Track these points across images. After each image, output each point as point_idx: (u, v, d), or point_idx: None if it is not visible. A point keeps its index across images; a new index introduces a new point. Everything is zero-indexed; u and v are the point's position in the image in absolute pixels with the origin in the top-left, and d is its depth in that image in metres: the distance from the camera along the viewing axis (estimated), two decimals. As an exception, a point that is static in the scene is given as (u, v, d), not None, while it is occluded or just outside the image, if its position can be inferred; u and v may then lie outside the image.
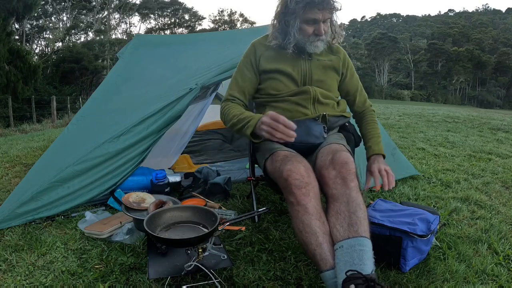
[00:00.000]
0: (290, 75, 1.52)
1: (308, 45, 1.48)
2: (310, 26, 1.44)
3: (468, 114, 9.60)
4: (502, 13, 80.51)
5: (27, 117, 12.61)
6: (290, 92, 1.53)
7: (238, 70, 1.62)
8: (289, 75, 1.52)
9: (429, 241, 1.46)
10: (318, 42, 1.47)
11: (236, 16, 56.30)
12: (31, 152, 3.84)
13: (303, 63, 1.54)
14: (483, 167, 3.23)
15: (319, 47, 1.49)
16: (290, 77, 1.53)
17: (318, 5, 1.38)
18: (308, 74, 1.54)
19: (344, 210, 1.15)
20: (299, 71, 1.53)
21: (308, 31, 1.44)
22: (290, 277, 1.36)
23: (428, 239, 1.44)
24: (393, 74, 56.88)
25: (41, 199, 1.81)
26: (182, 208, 1.43)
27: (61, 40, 28.66)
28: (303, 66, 1.54)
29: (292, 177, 1.18)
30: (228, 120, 1.47)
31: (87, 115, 2.50)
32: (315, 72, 1.55)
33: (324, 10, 1.40)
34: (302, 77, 1.54)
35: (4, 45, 12.70)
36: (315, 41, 1.46)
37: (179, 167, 2.93)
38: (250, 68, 1.58)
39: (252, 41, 1.64)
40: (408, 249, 1.38)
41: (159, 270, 1.34)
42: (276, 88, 1.55)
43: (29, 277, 1.32)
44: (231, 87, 1.62)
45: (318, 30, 1.43)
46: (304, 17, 1.42)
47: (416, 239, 1.39)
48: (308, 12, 1.40)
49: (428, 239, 1.44)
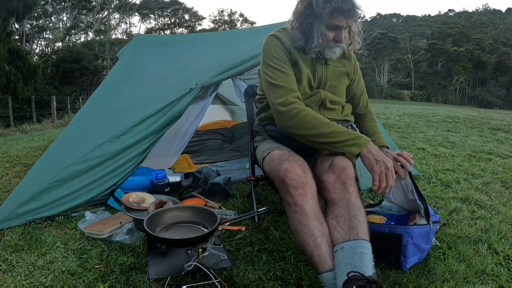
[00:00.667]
0: (310, 79, 1.49)
1: (326, 50, 1.44)
2: (332, 32, 1.39)
3: (468, 114, 9.60)
4: (502, 13, 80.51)
5: (27, 117, 12.62)
6: (305, 96, 1.48)
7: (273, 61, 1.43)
8: (309, 78, 1.48)
9: (428, 239, 1.46)
10: (336, 48, 1.45)
11: (236, 16, 56.35)
12: (31, 152, 3.84)
13: (320, 68, 1.51)
14: (483, 167, 3.23)
15: (336, 53, 1.47)
16: (309, 81, 1.49)
17: (345, 13, 1.33)
18: (323, 80, 1.52)
19: (344, 214, 1.14)
20: (316, 76, 1.50)
21: (329, 36, 1.40)
22: (290, 277, 1.35)
23: (428, 236, 1.44)
24: (393, 74, 56.88)
25: (41, 199, 1.81)
26: (182, 208, 1.43)
27: (61, 40, 28.67)
28: (320, 71, 1.51)
29: (288, 177, 1.17)
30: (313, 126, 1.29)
31: (87, 115, 2.50)
32: (330, 78, 1.52)
33: (349, 18, 1.36)
34: (318, 82, 1.51)
35: (4, 45, 12.71)
36: (334, 47, 1.44)
37: (179, 167, 2.93)
38: (285, 57, 1.45)
39: (269, 34, 1.52)
40: (409, 246, 1.37)
41: (159, 270, 1.34)
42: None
43: (29, 277, 1.32)
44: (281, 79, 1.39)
45: (339, 37, 1.40)
46: (329, 23, 1.37)
47: (416, 236, 1.38)
48: (334, 18, 1.35)
49: (428, 237, 1.44)
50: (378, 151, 1.23)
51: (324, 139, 1.27)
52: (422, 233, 1.42)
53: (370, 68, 53.75)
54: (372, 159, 1.20)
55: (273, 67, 1.43)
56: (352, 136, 1.24)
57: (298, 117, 1.32)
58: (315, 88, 1.52)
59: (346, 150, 1.24)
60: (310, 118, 1.31)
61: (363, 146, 1.22)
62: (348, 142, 1.23)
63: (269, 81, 1.42)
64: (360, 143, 1.22)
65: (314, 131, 1.29)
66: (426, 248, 1.47)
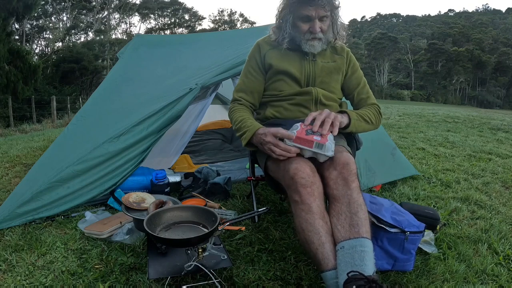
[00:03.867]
0: (294, 76, 1.52)
1: (303, 43, 1.48)
2: (305, 23, 1.45)
3: (468, 114, 9.60)
4: (502, 13, 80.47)
5: (27, 117, 12.62)
6: (292, 92, 1.53)
7: (244, 71, 1.64)
8: (292, 75, 1.52)
9: (404, 248, 1.37)
10: (314, 42, 1.47)
11: (236, 16, 56.48)
12: (31, 152, 3.83)
13: (307, 64, 1.53)
14: (483, 167, 3.23)
15: (316, 47, 1.48)
16: (294, 77, 1.52)
17: (310, 2, 1.38)
18: (312, 76, 1.53)
19: (346, 211, 1.15)
20: (302, 72, 1.53)
21: (303, 28, 1.45)
22: (290, 277, 1.35)
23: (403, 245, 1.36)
24: (393, 74, 56.86)
25: (41, 199, 1.81)
26: (182, 208, 1.43)
27: (61, 40, 28.68)
28: (307, 68, 1.53)
29: (298, 175, 1.18)
30: (232, 123, 1.54)
31: (87, 115, 2.50)
32: (319, 73, 1.54)
33: (316, 7, 1.39)
34: (306, 78, 1.53)
35: (4, 45, 12.71)
36: (310, 39, 1.46)
37: (179, 167, 2.92)
38: (256, 67, 1.59)
39: (256, 41, 1.64)
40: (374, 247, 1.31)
41: (159, 270, 1.34)
42: (279, 88, 1.55)
43: (29, 277, 1.32)
44: (238, 87, 1.63)
45: (313, 28, 1.43)
46: (298, 14, 1.43)
47: (382, 239, 1.35)
48: (301, 9, 1.41)
49: (403, 246, 1.36)
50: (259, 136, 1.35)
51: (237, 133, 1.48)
52: (391, 238, 1.37)
53: (370, 68, 53.72)
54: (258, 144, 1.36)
55: (242, 75, 1.64)
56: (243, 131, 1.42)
57: (229, 114, 1.59)
58: (304, 84, 1.54)
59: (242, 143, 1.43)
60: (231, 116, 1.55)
61: (248, 139, 1.39)
62: (242, 137, 1.43)
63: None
64: (246, 136, 1.40)
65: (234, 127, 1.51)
66: (402, 258, 1.38)
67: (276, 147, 1.27)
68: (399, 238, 1.37)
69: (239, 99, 1.60)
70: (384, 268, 1.39)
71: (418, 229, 1.39)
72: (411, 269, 1.40)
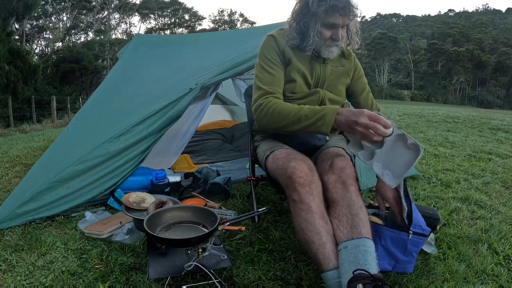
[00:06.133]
0: (306, 77, 1.50)
1: (323, 49, 1.44)
2: (328, 30, 1.40)
3: (468, 114, 9.59)
4: (502, 13, 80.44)
5: (27, 117, 12.60)
6: (304, 94, 1.50)
7: (265, 62, 1.48)
8: (305, 77, 1.50)
9: (406, 249, 1.36)
10: (333, 48, 1.45)
11: (236, 16, 56.45)
12: (31, 152, 3.83)
13: (318, 67, 1.51)
14: (483, 167, 3.23)
15: (334, 53, 1.47)
16: (306, 79, 1.50)
17: (341, 11, 1.34)
18: (321, 79, 1.52)
19: (346, 213, 1.15)
20: (313, 75, 1.51)
21: (326, 35, 1.41)
22: (290, 277, 1.35)
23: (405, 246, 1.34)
24: (393, 74, 56.84)
25: (41, 199, 1.81)
26: (182, 208, 1.43)
27: (61, 40, 28.68)
28: (318, 70, 1.51)
29: (296, 174, 1.18)
30: (282, 117, 1.31)
31: (87, 115, 2.50)
32: (329, 77, 1.53)
33: (345, 16, 1.36)
34: (316, 80, 1.52)
35: (4, 45, 12.71)
36: (331, 46, 1.43)
37: (179, 167, 2.92)
38: (277, 58, 1.48)
39: (268, 33, 1.55)
40: (377, 246, 1.29)
41: (159, 270, 1.34)
42: (293, 90, 1.49)
43: (29, 277, 1.32)
44: (266, 80, 1.44)
45: (336, 36, 1.40)
46: (325, 21, 1.38)
47: (386, 238, 1.34)
48: (329, 17, 1.36)
49: (405, 247, 1.35)
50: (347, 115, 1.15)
51: (296, 127, 1.27)
52: (395, 238, 1.35)
53: (370, 68, 53.69)
54: (347, 128, 1.15)
55: (263, 67, 1.47)
56: (319, 115, 1.20)
57: (268, 113, 1.35)
58: (313, 87, 1.52)
59: (317, 132, 1.22)
60: (278, 110, 1.32)
61: (331, 123, 1.18)
62: (317, 124, 1.21)
63: (255, 82, 1.47)
64: (327, 120, 1.18)
65: (284, 122, 1.30)
66: (403, 259, 1.37)
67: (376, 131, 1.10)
68: (402, 239, 1.36)
69: (273, 91, 1.41)
70: (385, 269, 1.38)
71: (423, 232, 1.36)
72: (411, 271, 1.39)
